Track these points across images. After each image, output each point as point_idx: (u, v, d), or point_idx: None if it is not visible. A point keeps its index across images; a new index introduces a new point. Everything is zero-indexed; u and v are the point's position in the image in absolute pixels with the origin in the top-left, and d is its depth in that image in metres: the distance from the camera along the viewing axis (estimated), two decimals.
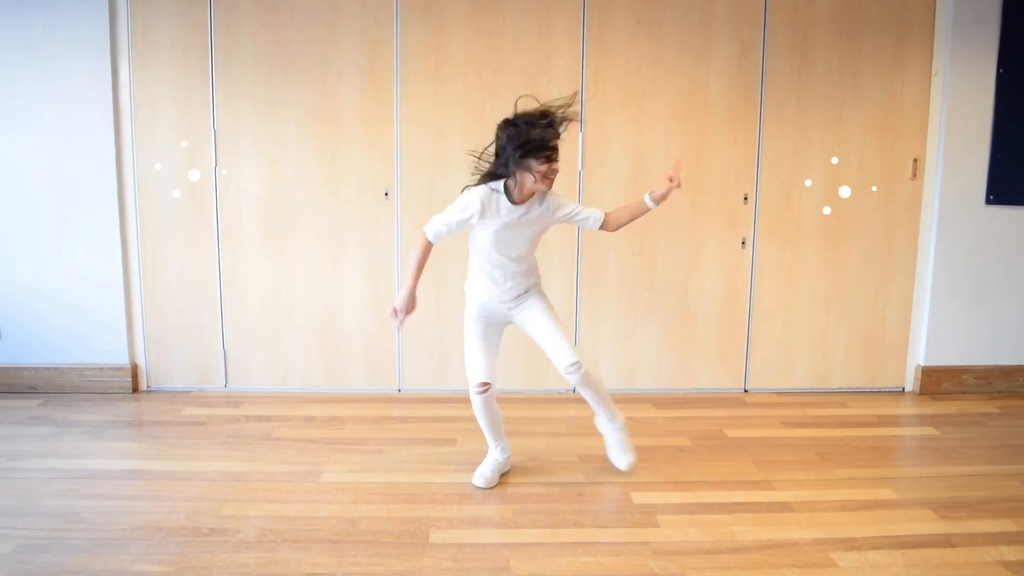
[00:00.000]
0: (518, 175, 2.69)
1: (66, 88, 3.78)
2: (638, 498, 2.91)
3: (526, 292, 2.92)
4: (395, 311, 2.82)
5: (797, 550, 2.56)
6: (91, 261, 3.92)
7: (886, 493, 3.00)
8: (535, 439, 3.48)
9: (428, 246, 2.82)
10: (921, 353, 4.16)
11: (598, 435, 3.17)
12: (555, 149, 2.65)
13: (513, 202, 2.75)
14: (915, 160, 4.01)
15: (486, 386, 2.87)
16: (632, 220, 2.94)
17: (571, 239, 3.94)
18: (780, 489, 3.01)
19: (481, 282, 2.91)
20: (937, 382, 4.17)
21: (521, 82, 3.83)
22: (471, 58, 3.82)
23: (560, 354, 2.85)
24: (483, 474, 2.98)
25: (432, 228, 2.80)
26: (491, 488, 2.97)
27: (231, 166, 3.88)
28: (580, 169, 3.90)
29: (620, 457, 3.02)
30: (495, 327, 2.96)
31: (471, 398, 2.91)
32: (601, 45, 3.84)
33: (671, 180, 2.81)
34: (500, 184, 2.75)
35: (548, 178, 2.68)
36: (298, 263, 3.97)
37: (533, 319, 2.91)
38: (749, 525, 2.72)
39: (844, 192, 4.00)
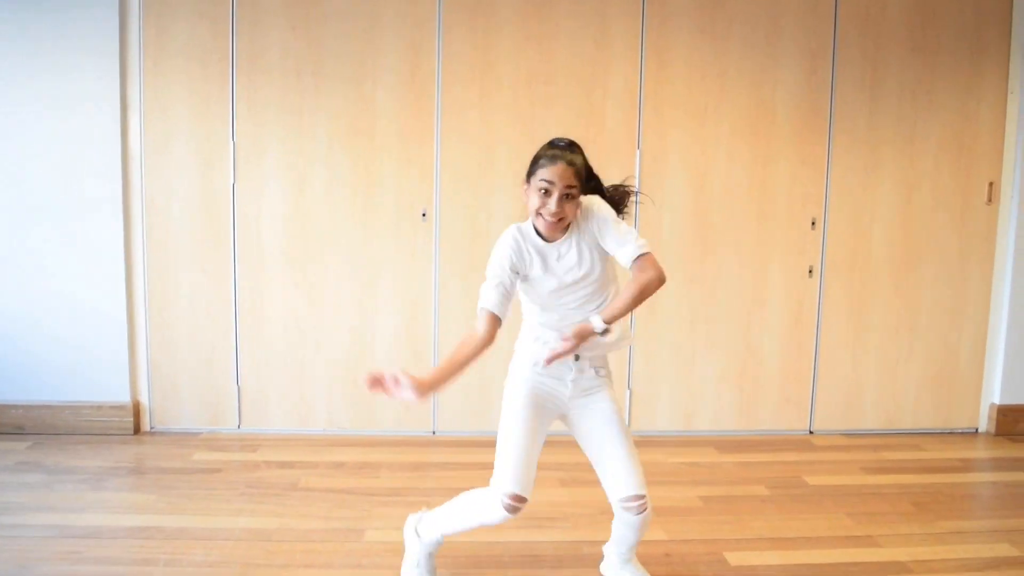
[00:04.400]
0: (527, 199, 2.10)
1: (69, 92, 3.41)
2: (733, 559, 2.54)
3: (597, 375, 2.18)
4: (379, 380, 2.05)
5: None
6: (91, 285, 3.51)
7: (1004, 548, 2.66)
8: (597, 488, 3.09)
9: (482, 336, 2.08)
10: (996, 390, 3.85)
11: (669, 483, 2.79)
12: (551, 182, 2.01)
13: (543, 237, 2.11)
14: (991, 184, 3.75)
15: (520, 501, 2.05)
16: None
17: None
18: (888, 546, 2.66)
19: (547, 336, 2.15)
20: (1014, 422, 3.86)
21: (575, 93, 3.52)
22: (521, 67, 3.50)
23: (626, 479, 2.10)
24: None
25: (484, 300, 2.11)
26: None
27: (252, 181, 3.50)
28: (637, 189, 3.57)
29: None
30: (546, 417, 2.18)
31: (487, 502, 2.09)
32: (661, 55, 3.54)
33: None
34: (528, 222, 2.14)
35: (540, 214, 2.05)
36: (324, 291, 3.58)
37: (599, 420, 2.15)
38: None
39: (916, 217, 3.72)
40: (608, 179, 3.33)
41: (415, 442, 3.62)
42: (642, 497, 2.08)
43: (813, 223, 3.69)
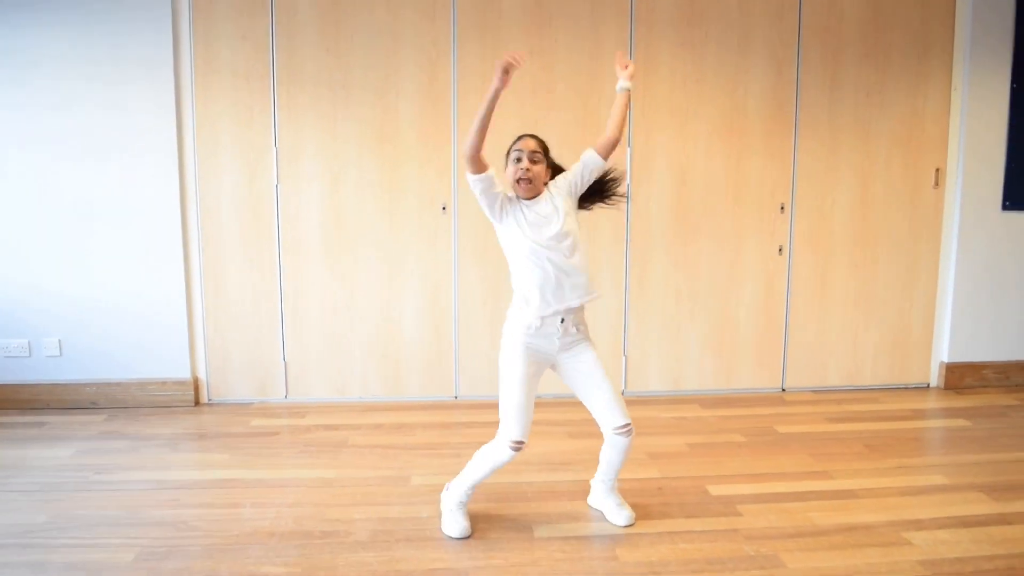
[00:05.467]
0: (507, 178, 2.69)
1: (130, 107, 3.88)
2: (714, 491, 3.10)
3: (578, 331, 2.65)
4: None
5: (873, 531, 2.76)
6: (154, 277, 4.01)
7: (938, 479, 3.22)
8: (600, 439, 3.65)
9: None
10: (944, 350, 4.43)
11: (660, 433, 3.34)
12: (521, 150, 2.61)
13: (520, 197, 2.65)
14: (937, 170, 4.29)
15: (522, 444, 2.60)
16: (623, 114, 2.70)
17: (620, 249, 4.14)
18: (841, 478, 3.22)
19: (534, 298, 2.57)
20: (960, 377, 4.44)
21: (573, 100, 4.03)
22: (525, 77, 3.99)
23: (613, 413, 2.66)
24: (460, 524, 2.74)
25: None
26: (467, 532, 2.73)
27: (292, 183, 4.00)
28: (628, 182, 4.10)
29: (619, 512, 2.83)
30: (538, 371, 2.65)
31: (495, 449, 2.64)
32: (648, 65, 4.05)
33: (624, 67, 2.71)
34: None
35: (516, 180, 2.61)
36: (357, 277, 4.10)
37: (586, 369, 2.65)
38: (823, 511, 2.92)
39: (872, 201, 4.27)
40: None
41: (440, 406, 4.17)
42: (628, 424, 2.67)
43: (782, 208, 4.23)
